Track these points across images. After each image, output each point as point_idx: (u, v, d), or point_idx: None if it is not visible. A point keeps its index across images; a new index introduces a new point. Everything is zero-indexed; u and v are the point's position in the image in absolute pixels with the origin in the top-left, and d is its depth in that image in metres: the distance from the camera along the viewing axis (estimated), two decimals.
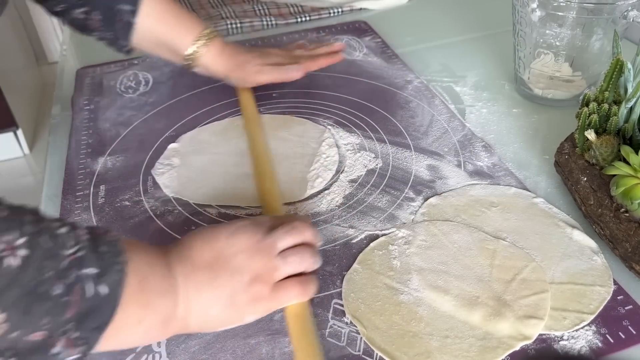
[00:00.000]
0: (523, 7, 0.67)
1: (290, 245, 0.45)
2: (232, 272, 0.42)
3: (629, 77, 0.52)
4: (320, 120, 0.69)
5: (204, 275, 0.42)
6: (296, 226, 0.46)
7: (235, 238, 0.44)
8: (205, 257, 0.42)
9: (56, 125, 0.72)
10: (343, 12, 0.98)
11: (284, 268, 0.44)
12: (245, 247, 0.43)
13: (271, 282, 0.43)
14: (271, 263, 0.43)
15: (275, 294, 0.43)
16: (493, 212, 0.54)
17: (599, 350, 0.42)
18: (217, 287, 0.42)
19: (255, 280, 0.42)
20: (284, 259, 0.44)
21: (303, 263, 0.45)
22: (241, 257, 0.43)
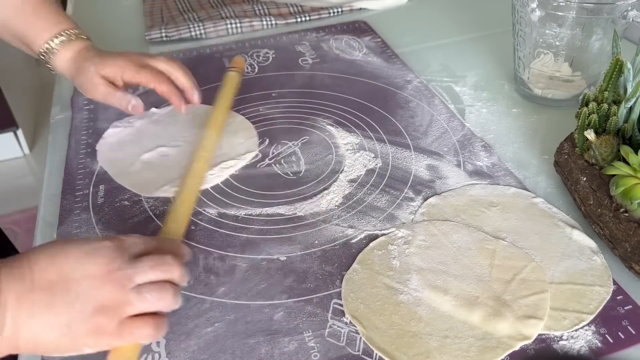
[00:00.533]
0: (523, 7, 0.67)
1: (152, 280, 0.41)
2: (74, 299, 0.38)
3: (628, 77, 0.52)
4: (320, 120, 0.69)
5: (39, 298, 0.38)
6: (165, 261, 0.41)
7: (88, 260, 0.39)
8: (46, 278, 0.38)
9: (56, 125, 0.72)
10: (343, 12, 0.98)
11: (137, 305, 0.39)
12: (97, 274, 0.39)
13: (119, 317, 0.39)
14: (123, 297, 0.39)
15: (121, 331, 0.39)
16: (493, 212, 0.54)
17: (599, 350, 0.42)
18: (52, 314, 0.38)
19: (99, 312, 0.38)
20: (140, 294, 0.40)
21: (161, 302, 0.40)
22: (88, 283, 0.39)
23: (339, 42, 0.87)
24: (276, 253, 0.51)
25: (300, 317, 0.46)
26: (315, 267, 0.50)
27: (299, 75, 0.79)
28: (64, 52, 0.63)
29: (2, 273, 0.38)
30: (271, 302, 0.47)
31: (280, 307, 0.46)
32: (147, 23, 0.94)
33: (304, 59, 0.84)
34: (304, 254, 0.51)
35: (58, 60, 0.64)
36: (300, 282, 0.48)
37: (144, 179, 0.61)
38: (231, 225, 0.55)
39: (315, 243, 0.52)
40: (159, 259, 0.41)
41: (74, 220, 0.56)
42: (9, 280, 0.38)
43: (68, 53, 0.63)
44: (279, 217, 0.55)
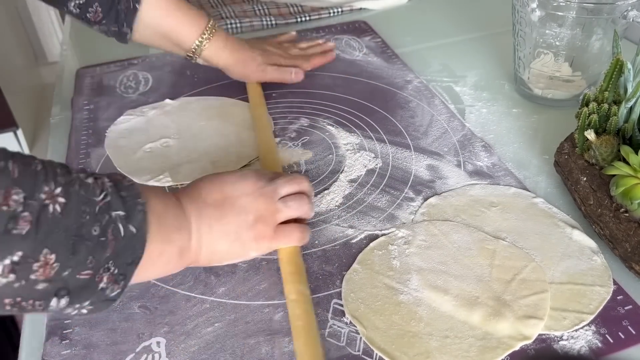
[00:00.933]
0: (523, 7, 0.67)
1: (290, 193, 0.49)
2: (239, 212, 0.46)
3: (628, 77, 0.52)
4: (320, 120, 0.69)
5: (213, 213, 0.45)
6: (296, 177, 0.51)
7: (240, 183, 0.48)
8: (214, 197, 0.46)
9: (56, 125, 0.72)
10: (343, 12, 0.98)
11: (285, 211, 0.48)
12: (250, 191, 0.47)
13: (273, 224, 0.47)
14: (273, 206, 0.47)
15: (277, 235, 0.47)
16: (493, 212, 0.54)
17: (599, 350, 0.42)
18: (225, 224, 0.45)
19: (258, 220, 0.46)
20: (285, 203, 0.48)
21: (302, 208, 0.49)
22: (246, 199, 0.47)
23: (339, 42, 0.87)
24: (276, 253, 0.51)
25: None
26: (316, 267, 0.50)
27: None
28: (213, 45, 0.69)
29: (181, 197, 0.45)
30: (271, 302, 0.47)
31: (281, 307, 0.46)
32: None
33: None
34: (304, 254, 0.51)
35: (210, 52, 0.69)
36: None
37: (142, 167, 0.62)
38: None
39: (315, 243, 0.52)
40: (289, 176, 0.51)
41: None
42: (187, 202, 0.45)
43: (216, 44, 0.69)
44: None
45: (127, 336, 0.45)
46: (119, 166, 0.63)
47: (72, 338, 0.45)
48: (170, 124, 0.69)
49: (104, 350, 0.44)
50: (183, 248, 0.43)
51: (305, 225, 0.50)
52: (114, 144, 0.66)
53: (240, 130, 0.68)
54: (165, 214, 0.42)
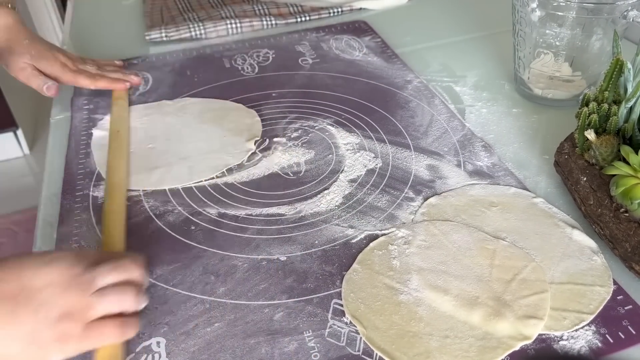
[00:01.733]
0: (523, 7, 0.67)
1: (111, 283, 0.42)
2: (37, 307, 0.38)
3: (628, 77, 0.52)
4: (320, 120, 0.69)
5: (5, 307, 0.38)
6: (124, 263, 0.43)
7: (47, 269, 0.40)
8: (8, 288, 0.39)
9: (56, 125, 0.72)
10: (343, 12, 0.98)
11: (100, 306, 0.41)
12: (57, 281, 0.40)
13: (84, 321, 0.40)
14: (85, 300, 0.40)
15: (88, 334, 0.40)
16: (493, 212, 0.54)
17: (599, 350, 0.42)
18: (18, 323, 0.38)
19: (64, 317, 0.39)
20: (101, 296, 0.41)
21: (123, 302, 0.42)
22: (50, 291, 0.39)
23: (339, 42, 0.87)
24: (276, 253, 0.51)
25: (300, 317, 0.46)
26: (316, 267, 0.50)
27: (299, 75, 0.79)
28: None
29: None
30: (271, 302, 0.47)
31: (281, 307, 0.46)
32: (147, 23, 0.94)
33: (304, 59, 0.84)
34: (304, 254, 0.51)
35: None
36: (301, 282, 0.48)
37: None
38: (231, 225, 0.55)
39: (315, 243, 0.52)
40: (117, 261, 0.43)
41: (74, 220, 0.56)
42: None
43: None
44: (279, 217, 0.55)
45: None
46: (98, 165, 0.63)
47: None
48: (163, 126, 0.69)
49: None
50: None
51: (126, 319, 0.42)
52: (100, 142, 0.66)
53: (229, 135, 0.67)
54: None
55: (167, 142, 0.66)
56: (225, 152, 0.64)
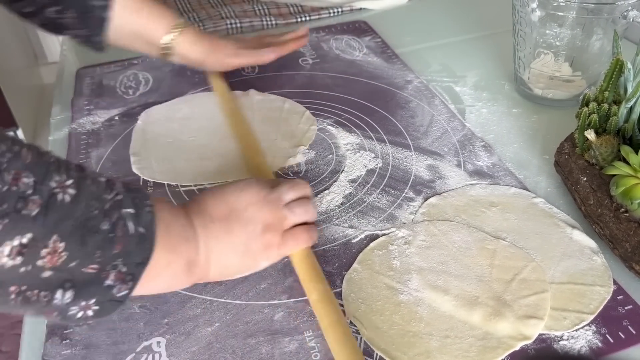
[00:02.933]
0: (523, 7, 0.67)
1: (293, 199, 0.49)
2: (246, 223, 0.45)
3: (628, 77, 0.52)
4: (320, 120, 0.69)
5: (221, 226, 0.45)
6: (297, 182, 0.50)
7: (244, 193, 0.47)
8: (220, 210, 0.46)
9: (56, 125, 0.72)
10: (343, 12, 0.98)
11: (292, 217, 0.48)
12: (254, 201, 0.47)
13: (281, 230, 0.47)
14: (280, 213, 0.47)
15: (285, 241, 0.47)
16: (493, 212, 0.54)
17: (599, 350, 0.42)
18: (233, 237, 0.45)
19: (266, 229, 0.46)
20: (291, 209, 0.48)
21: (307, 213, 0.49)
22: (252, 209, 0.46)
23: (339, 42, 0.87)
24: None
25: (300, 317, 0.46)
26: None
27: (299, 75, 0.79)
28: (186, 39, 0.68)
29: (188, 210, 0.45)
30: (271, 302, 0.47)
31: (281, 307, 0.46)
32: None
33: (304, 59, 0.84)
34: None
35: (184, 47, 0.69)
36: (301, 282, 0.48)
37: (141, 156, 0.64)
38: None
39: (315, 243, 0.52)
40: (291, 182, 0.50)
41: None
42: (194, 215, 0.44)
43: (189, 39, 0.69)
44: None
45: (128, 336, 0.45)
46: (132, 150, 0.64)
47: (72, 338, 0.45)
48: (193, 123, 0.70)
49: (104, 350, 0.44)
50: (191, 262, 0.42)
51: (310, 226, 0.50)
52: (143, 128, 0.69)
53: (279, 139, 0.66)
54: (172, 223, 0.42)
55: (207, 136, 0.67)
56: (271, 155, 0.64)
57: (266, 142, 0.65)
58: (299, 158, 0.63)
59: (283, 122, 0.69)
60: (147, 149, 0.65)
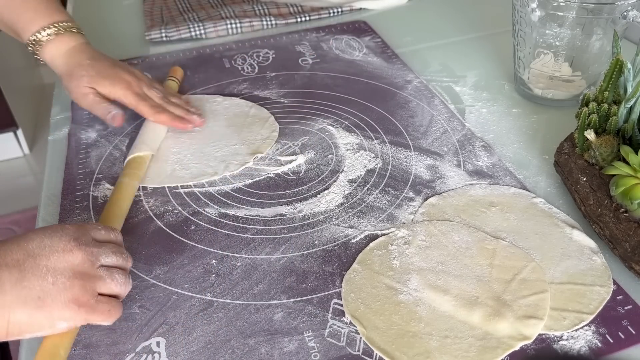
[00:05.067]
0: (523, 7, 0.67)
1: (114, 265, 0.43)
2: (44, 273, 0.39)
3: (628, 77, 0.52)
4: (320, 120, 0.69)
5: (11, 274, 0.38)
6: (124, 251, 0.45)
7: (53, 239, 0.40)
8: (14, 256, 0.39)
9: (56, 125, 0.72)
10: (343, 12, 0.98)
11: (109, 282, 0.41)
12: (64, 247, 0.40)
13: (93, 290, 0.40)
14: (95, 271, 0.41)
15: (98, 305, 0.40)
16: (493, 212, 0.54)
17: (599, 350, 0.42)
18: (25, 287, 0.38)
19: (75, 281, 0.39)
20: (111, 273, 0.42)
21: (125, 286, 0.43)
22: (57, 257, 0.40)
23: (339, 42, 0.87)
24: (276, 253, 0.51)
25: (300, 317, 0.46)
26: (315, 267, 0.50)
27: (298, 75, 0.79)
28: (53, 46, 0.63)
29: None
30: (271, 302, 0.47)
31: (280, 307, 0.46)
32: (147, 23, 0.94)
33: (304, 59, 0.84)
34: (304, 254, 0.51)
35: (47, 53, 0.63)
36: (300, 282, 0.48)
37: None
38: (231, 226, 0.55)
39: (315, 243, 0.52)
40: (118, 247, 0.44)
41: (74, 220, 0.56)
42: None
43: (59, 48, 0.63)
44: (279, 217, 0.55)
45: (127, 336, 0.45)
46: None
47: None
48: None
49: (104, 350, 0.44)
50: None
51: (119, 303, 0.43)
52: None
53: (239, 144, 0.66)
54: None
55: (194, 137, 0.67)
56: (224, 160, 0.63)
57: (226, 148, 0.65)
58: (299, 159, 0.63)
59: (246, 127, 0.68)
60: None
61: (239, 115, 0.71)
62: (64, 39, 0.63)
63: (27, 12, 0.61)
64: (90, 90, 0.63)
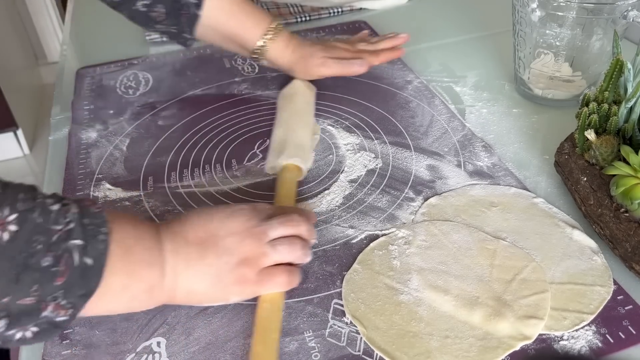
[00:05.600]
0: (523, 7, 0.67)
1: (282, 235, 0.46)
2: (221, 253, 0.44)
3: (628, 77, 0.52)
4: (320, 120, 0.69)
5: (194, 251, 0.43)
6: (293, 218, 0.47)
7: (230, 220, 0.45)
8: (197, 235, 0.44)
9: (56, 125, 0.72)
10: (343, 12, 0.98)
11: (272, 255, 0.45)
12: (238, 231, 0.45)
13: (258, 267, 0.45)
14: (260, 249, 0.45)
15: (261, 279, 0.44)
16: (493, 212, 0.54)
17: (599, 350, 0.42)
18: (205, 264, 0.43)
19: (242, 263, 0.44)
20: (274, 247, 0.45)
21: (292, 254, 0.46)
22: (232, 239, 0.44)
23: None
24: None
25: (300, 317, 0.46)
26: (316, 267, 0.50)
27: None
28: (277, 45, 0.69)
29: (162, 230, 0.44)
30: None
31: None
32: None
33: None
34: None
35: (275, 53, 0.69)
36: (301, 282, 0.48)
37: None
38: None
39: (315, 243, 0.52)
40: (286, 216, 0.47)
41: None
42: (167, 237, 0.43)
43: (279, 47, 0.69)
44: None
45: (128, 336, 0.45)
46: None
47: (72, 338, 0.45)
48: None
49: (104, 350, 0.44)
50: (153, 285, 0.41)
51: (294, 268, 0.47)
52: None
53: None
54: (135, 247, 0.41)
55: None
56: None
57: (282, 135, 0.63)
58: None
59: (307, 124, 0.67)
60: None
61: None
62: (280, 38, 0.69)
63: (249, 21, 0.67)
64: (325, 58, 0.70)
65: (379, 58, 0.74)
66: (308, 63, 0.70)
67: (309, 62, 0.70)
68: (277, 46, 0.68)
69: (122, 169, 0.63)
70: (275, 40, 0.68)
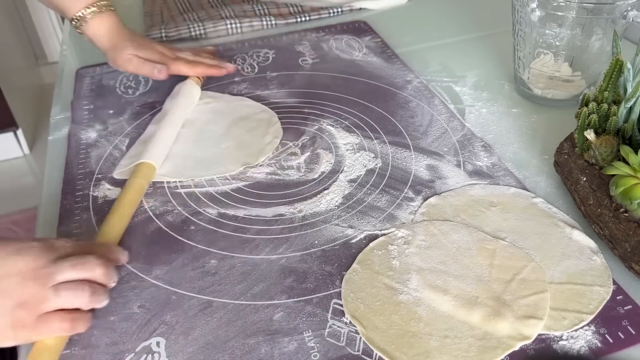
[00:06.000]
0: (523, 7, 0.67)
1: (71, 279, 0.44)
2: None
3: (628, 77, 0.52)
4: (319, 120, 0.69)
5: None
6: (87, 261, 0.44)
7: (14, 259, 0.42)
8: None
9: (56, 125, 0.72)
10: (343, 12, 0.98)
11: (53, 300, 0.42)
12: (21, 271, 0.42)
13: (37, 312, 0.42)
14: (42, 293, 0.42)
15: (39, 325, 0.42)
16: (492, 212, 0.54)
17: (598, 350, 0.42)
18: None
19: (20, 306, 0.41)
20: (56, 291, 0.42)
21: (77, 299, 0.43)
22: (12, 280, 0.41)
23: (339, 42, 0.88)
24: (276, 253, 0.51)
25: (300, 317, 0.46)
26: (315, 267, 0.50)
27: (298, 75, 0.79)
28: (96, 22, 0.70)
29: None
30: (271, 302, 0.47)
31: (280, 307, 0.46)
32: (147, 23, 0.94)
33: (304, 59, 0.84)
34: (303, 254, 0.51)
35: (90, 29, 0.70)
36: (300, 282, 0.48)
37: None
38: (231, 226, 0.55)
39: (315, 243, 0.52)
40: (80, 258, 0.44)
41: (74, 220, 0.56)
42: None
43: (101, 25, 0.70)
44: (278, 217, 0.55)
45: (127, 336, 0.45)
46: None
47: (71, 338, 0.45)
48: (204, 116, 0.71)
49: (104, 350, 0.44)
50: None
51: (79, 314, 0.44)
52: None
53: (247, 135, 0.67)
54: None
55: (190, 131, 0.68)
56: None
57: (222, 150, 0.65)
58: (302, 158, 0.63)
59: (250, 131, 0.68)
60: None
61: (244, 118, 0.70)
62: (104, 16, 0.70)
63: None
64: (133, 55, 0.72)
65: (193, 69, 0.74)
66: (117, 54, 0.71)
67: (119, 54, 0.71)
68: (96, 25, 0.69)
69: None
70: (95, 17, 0.69)
